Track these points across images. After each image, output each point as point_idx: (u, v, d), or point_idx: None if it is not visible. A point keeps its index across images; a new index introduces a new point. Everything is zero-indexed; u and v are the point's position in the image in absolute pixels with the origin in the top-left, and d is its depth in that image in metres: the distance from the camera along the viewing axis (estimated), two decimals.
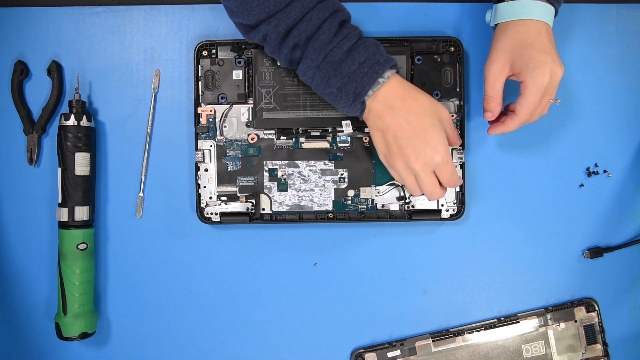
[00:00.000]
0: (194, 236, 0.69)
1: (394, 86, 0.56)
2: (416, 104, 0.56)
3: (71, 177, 0.65)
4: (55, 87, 0.67)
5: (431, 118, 0.56)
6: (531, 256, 0.70)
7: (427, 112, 0.56)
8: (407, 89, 0.56)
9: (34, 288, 0.69)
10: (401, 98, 0.56)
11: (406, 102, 0.56)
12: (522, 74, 0.57)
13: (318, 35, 0.55)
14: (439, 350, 0.69)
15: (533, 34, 0.57)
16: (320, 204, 0.67)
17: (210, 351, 0.69)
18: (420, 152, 0.56)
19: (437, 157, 0.56)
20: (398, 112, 0.56)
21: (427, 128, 0.56)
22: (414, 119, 0.56)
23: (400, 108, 0.56)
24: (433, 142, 0.56)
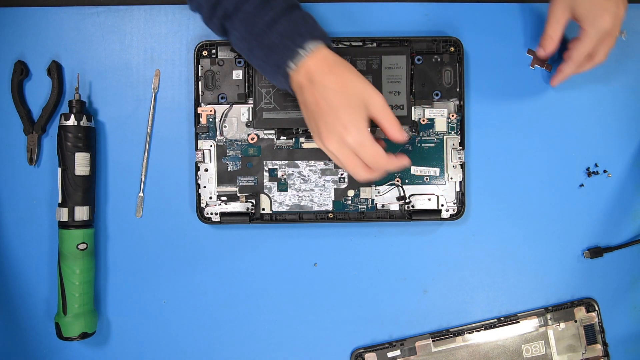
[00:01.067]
0: (194, 236, 0.69)
1: (317, 60, 0.54)
2: (336, 80, 0.53)
3: (71, 177, 0.65)
4: (55, 87, 0.67)
5: (350, 97, 0.53)
6: (531, 256, 0.70)
7: (347, 91, 0.53)
8: (332, 64, 0.54)
9: (34, 288, 0.69)
10: (322, 72, 0.53)
11: (326, 77, 0.53)
12: (582, 19, 0.57)
13: (244, 5, 0.54)
14: (439, 350, 0.69)
15: None
16: (320, 204, 0.67)
17: (210, 351, 0.69)
18: (331, 130, 0.54)
19: (348, 137, 0.53)
20: (316, 87, 0.54)
21: (341, 106, 0.53)
22: (331, 95, 0.53)
23: (319, 82, 0.53)
24: (345, 120, 0.53)
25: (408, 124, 0.67)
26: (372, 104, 0.54)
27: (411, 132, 0.68)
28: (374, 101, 0.54)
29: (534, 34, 0.69)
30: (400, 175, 0.68)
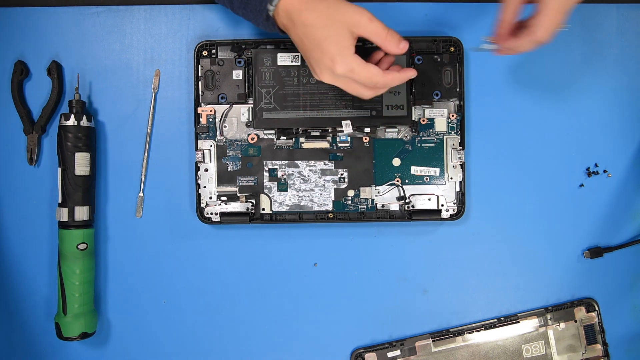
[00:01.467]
0: (194, 236, 0.69)
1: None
2: (312, 15, 0.53)
3: (71, 177, 0.65)
4: (55, 87, 0.67)
5: (329, 29, 0.53)
6: (531, 256, 0.70)
7: (325, 23, 0.53)
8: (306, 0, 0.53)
9: (34, 288, 0.69)
10: (299, 10, 0.53)
11: (303, 15, 0.53)
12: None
13: None
14: (439, 350, 0.69)
15: None
16: (320, 204, 0.67)
17: (210, 351, 0.69)
18: (321, 66, 0.54)
19: (337, 68, 0.53)
20: (297, 26, 0.54)
21: (322, 40, 0.53)
22: (311, 31, 0.53)
23: (298, 21, 0.54)
24: (329, 53, 0.53)
25: (408, 124, 0.67)
26: (356, 25, 0.53)
27: (411, 132, 0.68)
28: (357, 21, 0.53)
29: None
30: (401, 175, 0.68)
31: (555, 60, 0.69)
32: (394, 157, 0.68)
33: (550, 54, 0.69)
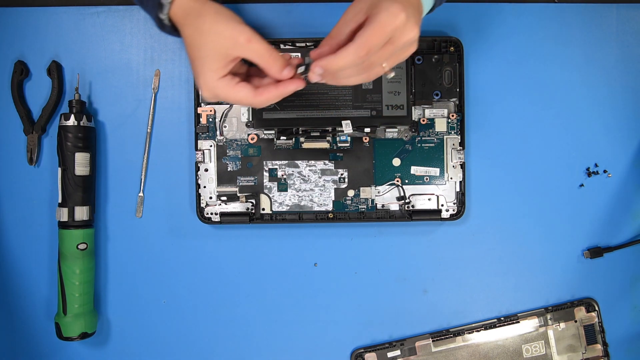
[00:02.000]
0: (194, 236, 0.69)
1: (177, 9, 0.51)
2: (188, 32, 0.51)
3: (71, 177, 0.65)
4: (55, 87, 0.67)
5: (201, 49, 0.50)
6: (531, 256, 0.70)
7: (197, 43, 0.50)
8: (188, 14, 0.51)
9: (34, 288, 0.69)
10: (181, 24, 0.51)
11: (184, 29, 0.51)
12: (377, 7, 0.47)
13: None
14: (439, 350, 0.69)
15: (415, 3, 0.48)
16: (320, 204, 0.67)
17: (210, 351, 0.69)
18: (196, 81, 0.52)
19: (202, 91, 0.51)
20: (184, 37, 0.52)
21: (193, 59, 0.51)
22: (187, 48, 0.51)
23: (184, 33, 0.52)
24: (197, 74, 0.51)
25: (408, 124, 0.67)
26: (231, 47, 0.50)
27: (411, 132, 0.68)
28: (233, 42, 0.49)
29: (534, 34, 0.69)
30: (401, 175, 0.68)
31: (555, 60, 0.69)
32: (394, 157, 0.68)
33: (550, 54, 0.69)
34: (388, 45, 0.48)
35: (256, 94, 0.51)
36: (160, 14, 0.52)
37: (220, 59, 0.50)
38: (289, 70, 0.51)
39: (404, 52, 0.50)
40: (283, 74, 0.51)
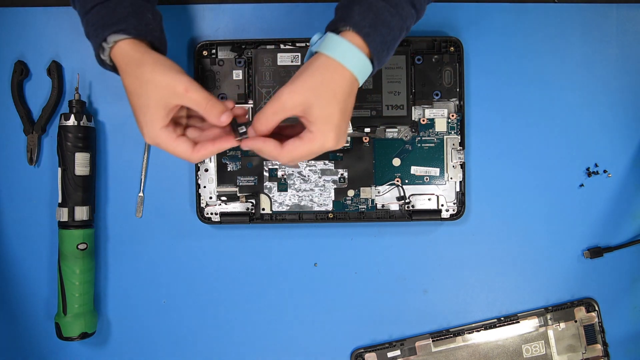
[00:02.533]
0: (194, 236, 0.69)
1: (118, 55, 0.52)
2: (128, 80, 0.51)
3: (71, 177, 0.65)
4: (55, 87, 0.67)
5: (140, 98, 0.51)
6: (531, 256, 0.70)
7: (138, 92, 0.51)
8: (129, 62, 0.51)
9: (34, 288, 0.69)
10: (122, 71, 0.52)
11: (124, 77, 0.52)
12: (315, 125, 0.49)
13: None
14: (439, 350, 0.69)
15: (345, 88, 0.49)
16: (320, 204, 0.67)
17: (210, 351, 0.69)
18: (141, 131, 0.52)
19: (145, 138, 0.52)
20: (124, 84, 0.52)
21: (134, 107, 0.52)
22: (128, 95, 0.52)
23: (124, 80, 0.52)
24: (139, 122, 0.52)
25: (408, 124, 0.67)
26: (170, 96, 0.50)
27: (411, 132, 0.68)
28: (171, 92, 0.50)
29: (534, 34, 0.69)
30: (401, 175, 0.68)
31: (555, 60, 0.69)
32: (394, 157, 0.68)
33: (551, 54, 0.69)
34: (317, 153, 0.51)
35: (194, 150, 0.52)
36: (102, 54, 0.52)
37: (160, 108, 0.51)
38: (226, 116, 0.52)
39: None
40: (221, 121, 0.52)
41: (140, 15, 0.52)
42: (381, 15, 0.49)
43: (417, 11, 0.51)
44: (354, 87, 0.50)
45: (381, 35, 0.49)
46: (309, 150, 0.50)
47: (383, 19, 0.49)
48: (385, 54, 0.50)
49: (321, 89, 0.49)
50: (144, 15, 0.53)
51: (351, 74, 0.49)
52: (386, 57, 0.51)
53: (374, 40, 0.49)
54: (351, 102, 0.51)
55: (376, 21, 0.49)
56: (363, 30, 0.48)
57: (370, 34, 0.49)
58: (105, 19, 0.51)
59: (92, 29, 0.52)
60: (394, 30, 0.50)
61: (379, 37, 0.49)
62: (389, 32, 0.49)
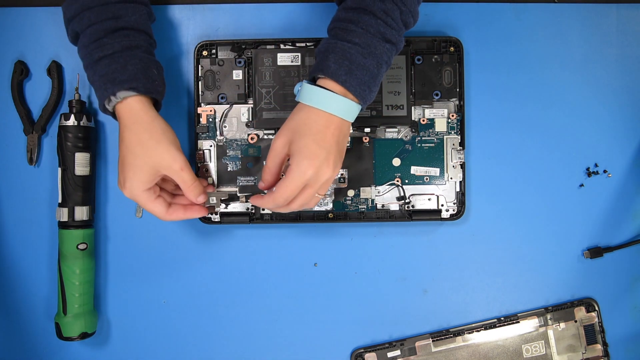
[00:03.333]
0: (194, 236, 0.69)
1: (124, 110, 0.56)
2: (130, 137, 0.56)
3: (71, 177, 0.65)
4: (55, 87, 0.67)
5: (137, 158, 0.55)
6: (531, 256, 0.70)
7: (135, 151, 0.55)
8: (134, 119, 0.56)
9: (34, 288, 0.69)
10: (124, 125, 0.56)
11: (125, 130, 0.56)
12: (292, 157, 0.54)
13: (84, 35, 0.56)
14: (439, 350, 0.69)
15: (320, 125, 0.53)
16: (320, 204, 0.67)
17: (210, 351, 0.69)
18: (119, 178, 0.57)
19: (124, 191, 0.57)
20: (120, 135, 0.57)
21: (126, 162, 0.56)
22: (123, 148, 0.56)
23: (120, 131, 0.56)
24: (125, 176, 0.56)
25: (408, 124, 0.67)
26: (165, 168, 0.56)
27: (411, 132, 0.68)
28: (167, 165, 0.56)
29: (534, 34, 0.69)
30: (401, 175, 0.68)
31: (555, 60, 0.69)
32: (394, 157, 0.68)
33: (551, 54, 0.69)
34: (308, 189, 0.55)
35: (167, 213, 0.59)
36: (107, 104, 0.56)
37: (151, 174, 0.56)
38: (202, 197, 0.60)
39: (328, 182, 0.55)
40: (198, 200, 0.60)
41: (148, 72, 0.56)
42: (355, 60, 0.53)
43: (393, 44, 0.54)
44: (334, 122, 0.53)
45: (358, 78, 0.53)
46: (290, 181, 0.54)
47: (358, 63, 0.53)
48: (367, 91, 0.54)
49: (298, 127, 0.54)
50: (150, 72, 0.57)
51: (324, 112, 0.53)
52: (370, 93, 0.54)
53: (352, 84, 0.53)
54: (331, 134, 0.54)
55: (351, 67, 0.52)
56: (340, 78, 0.52)
57: (348, 80, 0.53)
58: (116, 74, 0.55)
59: (100, 81, 0.55)
60: (371, 69, 0.53)
61: (356, 80, 0.53)
62: (366, 73, 0.53)
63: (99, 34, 0.55)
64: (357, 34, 0.53)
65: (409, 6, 0.54)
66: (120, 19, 0.56)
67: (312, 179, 0.54)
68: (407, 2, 0.54)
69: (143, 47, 0.57)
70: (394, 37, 0.54)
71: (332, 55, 0.53)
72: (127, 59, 0.55)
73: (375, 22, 0.53)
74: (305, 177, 0.53)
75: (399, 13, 0.53)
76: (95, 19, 0.55)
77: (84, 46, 0.56)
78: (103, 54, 0.55)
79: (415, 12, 0.55)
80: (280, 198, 0.55)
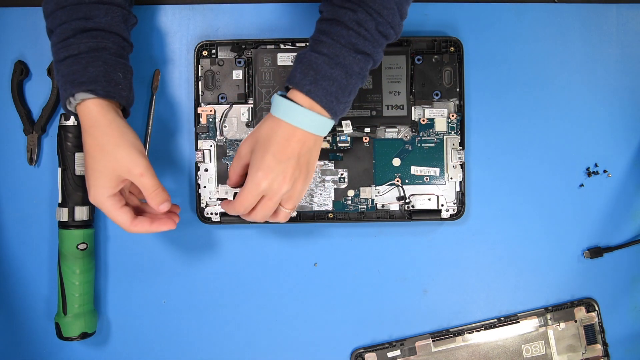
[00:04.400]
0: (194, 236, 0.69)
1: (84, 113, 0.54)
2: (89, 141, 0.54)
3: (71, 177, 0.65)
4: (55, 87, 0.67)
5: (97, 162, 0.54)
6: (531, 256, 0.70)
7: (95, 156, 0.54)
8: (93, 123, 0.54)
9: (34, 288, 0.69)
10: (84, 128, 0.54)
11: (85, 134, 0.55)
12: (250, 167, 0.54)
13: (54, 34, 0.55)
14: (439, 350, 0.69)
15: (281, 137, 0.53)
16: (320, 204, 0.67)
17: (210, 351, 0.69)
18: (88, 192, 0.56)
19: (90, 198, 0.55)
20: (84, 142, 0.55)
21: (88, 167, 0.55)
22: (85, 153, 0.55)
23: (85, 139, 0.55)
24: (89, 182, 0.55)
25: (408, 124, 0.67)
26: (126, 172, 0.54)
27: (411, 132, 0.68)
28: (127, 170, 0.54)
29: (534, 34, 0.69)
30: (401, 175, 0.68)
31: (555, 60, 0.69)
32: (394, 157, 0.68)
33: (550, 54, 0.69)
34: (266, 200, 0.54)
35: (132, 224, 0.56)
36: (68, 105, 0.55)
37: (113, 179, 0.55)
38: (165, 206, 0.57)
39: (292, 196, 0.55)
40: (160, 209, 0.57)
41: (110, 76, 0.54)
42: (321, 70, 0.52)
43: (368, 55, 0.53)
44: (296, 135, 0.53)
45: (323, 88, 0.52)
46: (247, 191, 0.54)
47: (324, 73, 0.52)
48: (335, 102, 0.53)
49: (261, 137, 0.54)
50: (115, 75, 0.55)
51: (288, 124, 0.53)
52: (339, 104, 0.53)
53: (317, 94, 0.52)
54: (291, 148, 0.53)
55: (316, 77, 0.52)
56: (304, 88, 0.52)
57: (312, 90, 0.52)
58: (76, 76, 0.53)
59: (61, 80, 0.54)
60: (339, 80, 0.52)
61: (322, 90, 0.52)
62: (332, 83, 0.52)
63: (68, 33, 0.54)
64: (327, 45, 0.52)
65: (386, 17, 0.52)
66: (91, 19, 0.55)
67: (267, 191, 0.54)
68: (383, 13, 0.52)
69: (112, 50, 0.56)
70: (367, 48, 0.53)
71: (299, 65, 0.53)
72: (90, 61, 0.54)
73: (346, 33, 0.52)
74: (260, 188, 0.53)
75: (374, 24, 0.52)
76: (66, 18, 0.54)
77: (53, 44, 0.55)
78: (68, 54, 0.54)
79: (395, 23, 0.53)
80: (239, 206, 0.55)
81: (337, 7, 0.53)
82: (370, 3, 0.52)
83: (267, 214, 0.56)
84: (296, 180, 0.54)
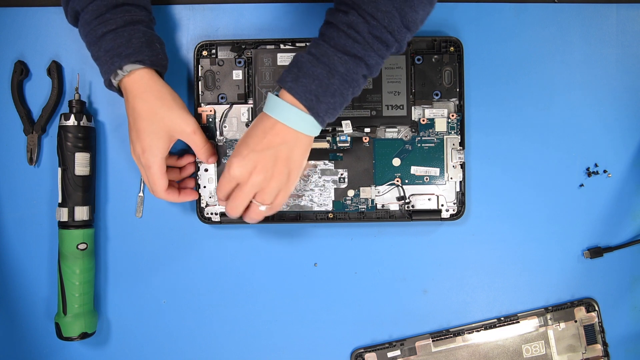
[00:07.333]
0: (194, 236, 0.69)
1: (132, 82, 0.57)
2: (142, 106, 0.57)
3: (71, 177, 0.65)
4: (55, 87, 0.67)
5: (152, 125, 0.58)
6: (531, 256, 0.70)
7: (150, 118, 0.57)
8: (144, 89, 0.57)
9: (34, 288, 0.69)
10: (134, 95, 0.57)
11: (136, 101, 0.57)
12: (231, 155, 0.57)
13: (85, 12, 0.57)
14: (439, 350, 0.69)
15: (260, 129, 0.55)
16: (320, 204, 0.67)
17: (210, 351, 0.69)
18: (134, 146, 0.59)
19: (141, 158, 0.58)
20: (129, 105, 0.58)
21: (142, 130, 0.58)
22: (137, 118, 0.58)
23: (130, 103, 0.58)
24: (143, 144, 0.58)
25: (408, 124, 0.67)
26: (179, 132, 0.59)
27: (411, 132, 0.68)
28: (181, 130, 0.59)
29: (534, 34, 0.69)
30: (401, 175, 0.68)
31: (555, 60, 0.69)
32: (394, 157, 0.68)
33: (550, 54, 0.69)
34: (237, 190, 0.56)
35: (166, 191, 0.61)
36: (113, 79, 0.58)
37: (167, 140, 0.59)
38: (213, 158, 0.64)
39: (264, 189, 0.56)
40: (209, 161, 0.64)
41: (152, 46, 0.58)
42: (303, 67, 0.53)
43: (358, 58, 0.53)
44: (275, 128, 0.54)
45: (303, 86, 0.53)
46: (223, 176, 0.57)
47: (305, 71, 0.53)
48: (315, 100, 0.53)
49: (247, 131, 0.57)
50: (154, 45, 0.58)
51: (269, 116, 0.55)
52: (320, 104, 0.54)
53: (297, 91, 0.53)
54: (267, 140, 0.55)
55: (298, 74, 0.53)
56: (286, 84, 0.54)
57: (293, 87, 0.53)
58: (122, 49, 0.56)
59: (106, 56, 0.57)
60: (320, 78, 0.53)
61: (301, 87, 0.53)
62: (313, 81, 0.53)
63: (101, 10, 0.56)
64: (317, 46, 0.54)
65: (382, 21, 0.52)
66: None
67: (240, 178, 0.55)
68: (378, 16, 0.52)
69: (144, 22, 0.59)
70: (357, 50, 0.52)
71: (289, 65, 0.55)
72: (132, 33, 0.57)
73: (336, 35, 0.53)
74: (232, 174, 0.55)
75: (367, 27, 0.52)
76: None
77: (86, 23, 0.57)
78: (107, 29, 0.56)
79: (393, 28, 0.52)
80: (218, 192, 0.58)
81: (334, 10, 0.54)
82: (364, 6, 0.52)
83: (239, 205, 0.57)
84: (272, 175, 0.55)
